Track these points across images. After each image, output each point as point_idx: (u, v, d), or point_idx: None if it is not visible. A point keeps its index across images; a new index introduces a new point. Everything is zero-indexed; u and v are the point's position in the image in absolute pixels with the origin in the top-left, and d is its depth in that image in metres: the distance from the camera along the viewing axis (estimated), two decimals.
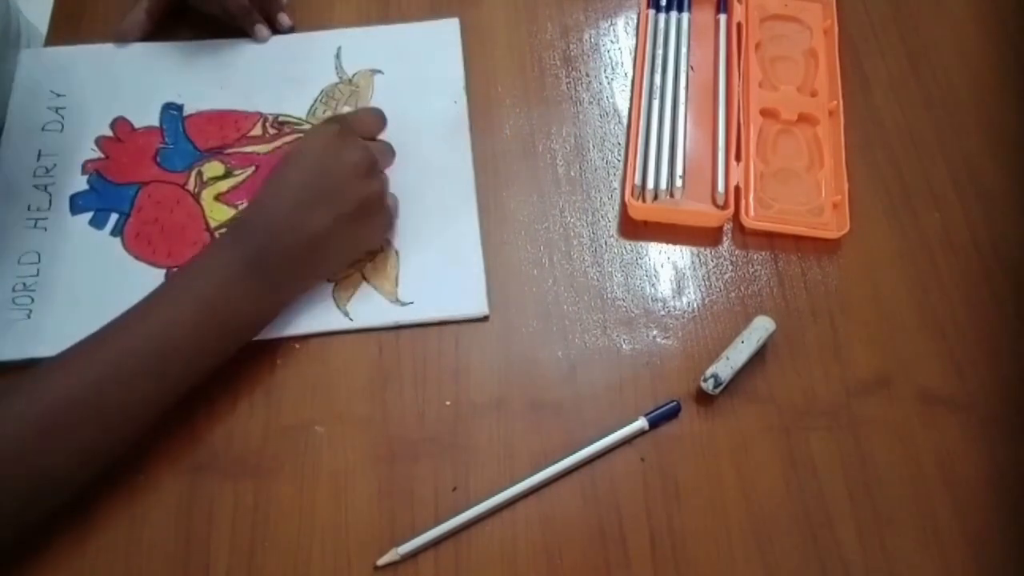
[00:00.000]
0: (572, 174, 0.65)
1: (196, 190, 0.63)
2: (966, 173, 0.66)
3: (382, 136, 0.64)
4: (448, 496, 0.53)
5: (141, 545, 0.51)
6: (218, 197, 0.63)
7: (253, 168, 0.64)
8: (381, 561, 0.51)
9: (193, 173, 0.64)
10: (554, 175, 0.65)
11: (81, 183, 0.63)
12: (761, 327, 0.57)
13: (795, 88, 0.68)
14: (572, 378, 0.57)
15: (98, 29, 0.70)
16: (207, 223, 0.62)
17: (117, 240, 0.61)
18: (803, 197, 0.64)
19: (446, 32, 0.70)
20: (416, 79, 0.68)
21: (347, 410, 0.56)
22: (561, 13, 0.72)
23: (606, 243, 0.62)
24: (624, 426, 0.55)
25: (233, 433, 0.55)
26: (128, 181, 0.63)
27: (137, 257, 0.60)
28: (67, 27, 0.70)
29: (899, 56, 0.71)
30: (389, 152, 0.61)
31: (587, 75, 0.69)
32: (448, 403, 0.56)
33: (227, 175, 0.64)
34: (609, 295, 0.60)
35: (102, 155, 0.64)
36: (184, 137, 0.65)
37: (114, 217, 0.62)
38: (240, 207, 0.62)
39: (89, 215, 0.62)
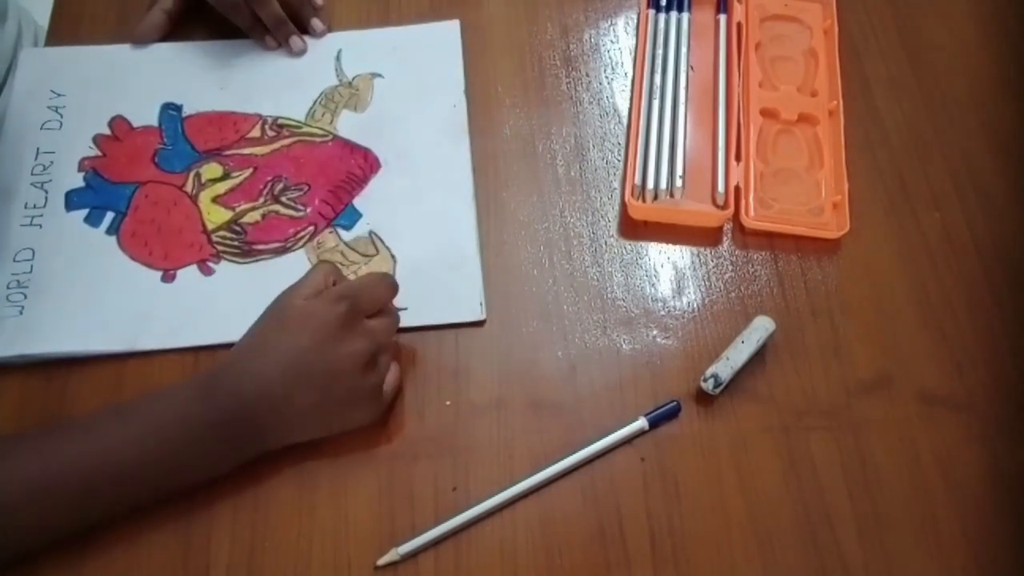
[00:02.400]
0: (572, 174, 0.65)
1: (194, 192, 0.63)
2: (966, 173, 0.66)
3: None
4: (448, 496, 0.53)
5: (141, 545, 0.51)
6: (216, 199, 0.63)
7: (251, 170, 0.64)
8: (381, 561, 0.51)
9: (191, 174, 0.64)
10: (554, 175, 0.65)
11: (77, 180, 0.63)
12: (761, 327, 0.57)
13: (795, 88, 0.68)
14: (572, 378, 0.57)
15: (98, 29, 0.70)
16: (204, 225, 0.62)
17: (113, 239, 0.61)
18: (803, 197, 0.64)
19: (446, 35, 0.70)
20: (416, 82, 0.68)
21: None
22: (561, 13, 0.72)
23: (606, 243, 0.62)
24: (624, 426, 0.55)
25: None
26: (125, 180, 0.63)
27: (133, 257, 0.60)
28: (67, 27, 0.70)
29: (899, 56, 0.71)
30: (395, 324, 0.55)
31: (587, 75, 0.69)
32: (448, 403, 0.56)
33: (225, 177, 0.64)
34: (609, 295, 0.60)
35: (100, 153, 0.64)
36: (183, 138, 0.65)
37: (110, 216, 0.62)
38: (238, 209, 0.62)
39: (84, 212, 0.62)
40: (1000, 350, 0.59)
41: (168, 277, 0.60)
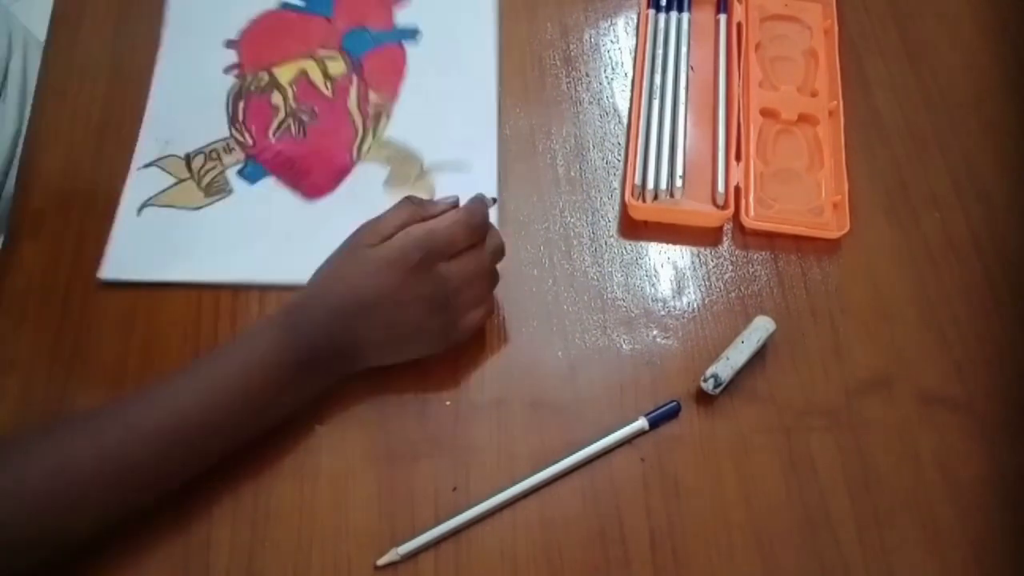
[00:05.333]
0: (572, 174, 0.65)
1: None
2: (966, 173, 0.66)
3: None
4: (448, 496, 0.53)
5: (141, 545, 0.51)
6: None
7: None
8: (381, 561, 0.51)
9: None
10: (554, 175, 0.65)
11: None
12: (761, 327, 0.57)
13: (795, 88, 0.68)
14: (572, 378, 0.57)
15: (98, 29, 0.70)
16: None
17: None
18: (803, 197, 0.64)
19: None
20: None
21: (347, 410, 0.56)
22: (561, 13, 0.72)
23: (606, 243, 0.62)
24: (624, 426, 0.55)
25: None
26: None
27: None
28: (67, 27, 0.70)
29: (899, 56, 0.71)
30: (483, 258, 0.54)
31: (587, 75, 0.69)
32: (448, 403, 0.56)
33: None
34: (609, 295, 0.60)
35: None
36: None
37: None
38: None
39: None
40: (1000, 350, 0.59)
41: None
